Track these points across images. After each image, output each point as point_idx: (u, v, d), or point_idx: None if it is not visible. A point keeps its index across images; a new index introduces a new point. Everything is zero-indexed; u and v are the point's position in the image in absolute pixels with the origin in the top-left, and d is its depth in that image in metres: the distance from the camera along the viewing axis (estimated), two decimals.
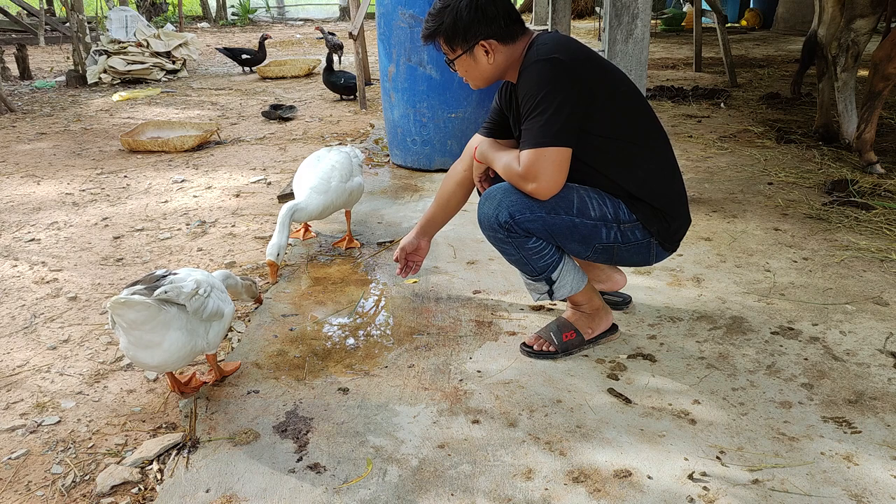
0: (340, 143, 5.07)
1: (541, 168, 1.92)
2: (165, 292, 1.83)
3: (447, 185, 2.41)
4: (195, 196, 3.98)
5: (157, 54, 8.20)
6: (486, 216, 2.06)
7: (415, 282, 2.79)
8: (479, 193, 2.21)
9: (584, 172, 2.04)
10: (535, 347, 2.23)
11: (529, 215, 2.00)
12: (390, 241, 3.20)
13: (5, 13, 11.05)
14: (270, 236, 3.34)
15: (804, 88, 5.91)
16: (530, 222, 2.00)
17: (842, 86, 4.21)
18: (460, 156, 2.40)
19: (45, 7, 11.95)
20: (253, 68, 8.51)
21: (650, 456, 1.77)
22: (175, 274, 1.95)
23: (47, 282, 2.91)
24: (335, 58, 6.96)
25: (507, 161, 2.02)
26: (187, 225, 3.52)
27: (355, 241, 3.18)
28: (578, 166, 2.01)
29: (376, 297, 2.70)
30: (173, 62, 8.30)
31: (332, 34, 8.43)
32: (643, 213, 2.04)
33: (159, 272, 1.95)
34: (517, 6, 15.14)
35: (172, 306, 1.87)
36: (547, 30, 8.44)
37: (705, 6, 8.05)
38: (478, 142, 2.30)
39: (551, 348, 2.21)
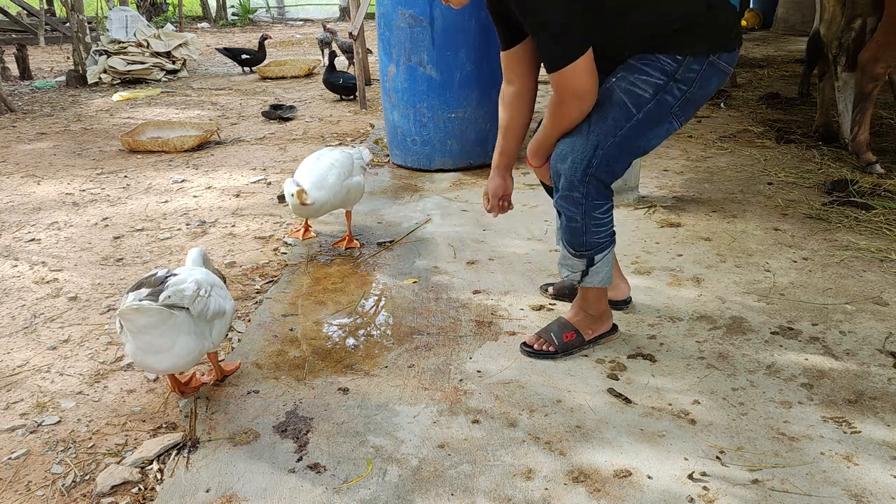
0: (341, 144, 5.07)
1: (570, 86, 1.89)
2: (169, 297, 1.83)
3: (504, 113, 2.29)
4: (195, 196, 3.98)
5: (157, 54, 8.20)
6: (566, 176, 2.00)
7: (415, 282, 2.79)
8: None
9: (613, 40, 1.96)
10: (535, 347, 2.23)
11: (602, 153, 1.95)
12: (390, 241, 3.20)
13: (5, 13, 11.06)
14: (271, 236, 3.34)
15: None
16: (608, 158, 1.96)
17: (842, 85, 4.20)
18: (500, 87, 2.28)
19: (46, 7, 11.95)
20: (253, 68, 8.51)
21: (650, 456, 1.77)
22: (176, 275, 1.95)
23: (47, 282, 2.92)
24: (327, 55, 6.90)
25: (544, 118, 1.99)
26: (187, 225, 3.52)
27: (355, 241, 3.18)
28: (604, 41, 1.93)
29: (376, 297, 2.70)
30: (173, 62, 8.30)
31: (333, 33, 8.40)
32: (681, 41, 1.91)
33: (161, 272, 1.95)
34: None
35: (181, 310, 1.86)
36: None
37: None
38: (503, 60, 2.21)
39: (551, 348, 2.21)
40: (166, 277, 1.92)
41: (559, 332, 2.23)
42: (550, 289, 2.63)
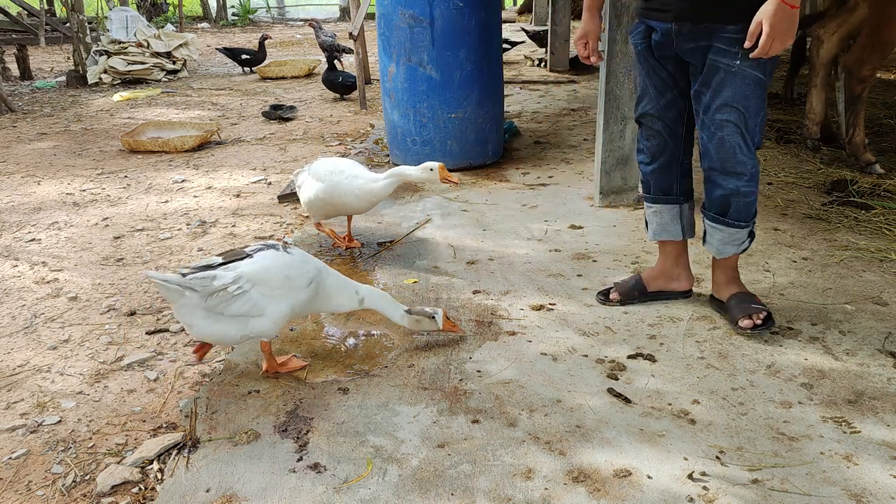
0: (341, 144, 5.07)
1: None
2: (191, 280, 1.95)
3: None
4: (195, 196, 3.98)
5: (157, 54, 8.20)
6: (750, 160, 2.19)
7: (415, 282, 2.79)
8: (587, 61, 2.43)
9: None
10: (753, 326, 2.28)
11: (759, 128, 2.15)
12: (390, 241, 3.20)
13: (6, 13, 11.07)
14: (271, 236, 3.34)
15: (802, 89, 5.89)
16: (761, 129, 2.18)
17: (841, 86, 4.21)
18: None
19: (46, 7, 11.95)
20: (253, 68, 8.52)
21: (650, 456, 1.77)
22: (249, 256, 2.06)
23: (48, 282, 2.92)
24: (336, 61, 6.87)
25: None
26: (188, 225, 3.52)
27: (355, 241, 3.18)
28: None
29: None
30: (173, 62, 8.30)
31: (319, 28, 8.36)
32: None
33: (250, 248, 2.09)
34: (517, 6, 15.14)
35: (194, 294, 1.96)
36: (546, 29, 8.32)
37: None
38: None
39: (760, 318, 2.29)
40: (242, 258, 2.04)
41: (755, 300, 2.32)
42: (614, 294, 2.56)
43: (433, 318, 2.26)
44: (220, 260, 2.05)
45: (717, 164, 2.23)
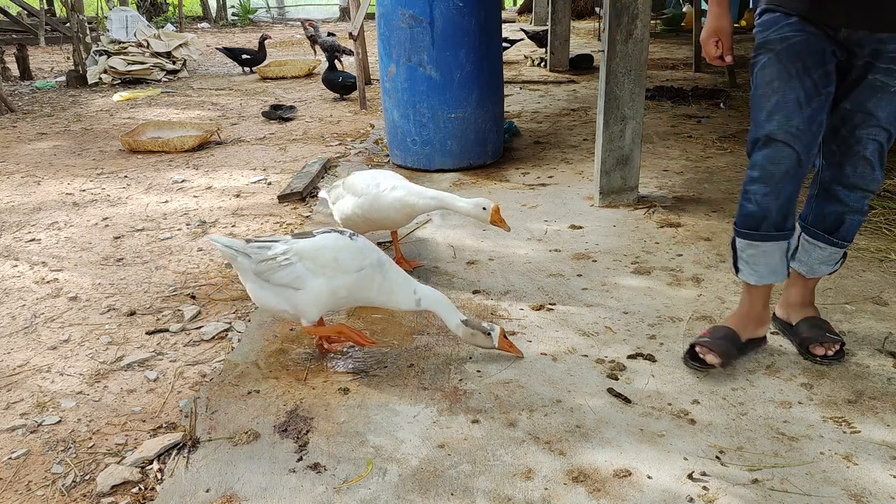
0: (341, 144, 5.07)
1: None
2: (246, 246, 2.11)
3: None
4: (195, 196, 3.98)
5: (157, 54, 8.21)
6: (880, 179, 2.07)
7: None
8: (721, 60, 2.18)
9: None
10: (825, 354, 2.13)
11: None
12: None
13: (6, 13, 11.07)
14: (271, 236, 3.34)
15: None
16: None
17: None
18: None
19: (46, 7, 11.96)
20: (253, 68, 8.52)
21: (650, 456, 1.77)
22: (313, 236, 2.16)
23: (48, 282, 2.92)
24: (336, 61, 6.87)
25: None
26: (187, 225, 3.52)
27: (409, 262, 3.14)
28: None
29: None
30: (173, 62, 8.31)
31: (315, 28, 8.35)
32: None
33: (317, 231, 2.21)
34: (517, 6, 15.15)
35: (247, 259, 2.11)
36: (546, 29, 8.31)
37: (705, 6, 8.05)
38: None
39: (834, 349, 2.14)
40: (302, 236, 2.18)
41: (829, 328, 2.19)
42: (712, 357, 2.07)
43: (489, 334, 2.16)
44: (289, 238, 2.17)
45: (846, 179, 2.04)
